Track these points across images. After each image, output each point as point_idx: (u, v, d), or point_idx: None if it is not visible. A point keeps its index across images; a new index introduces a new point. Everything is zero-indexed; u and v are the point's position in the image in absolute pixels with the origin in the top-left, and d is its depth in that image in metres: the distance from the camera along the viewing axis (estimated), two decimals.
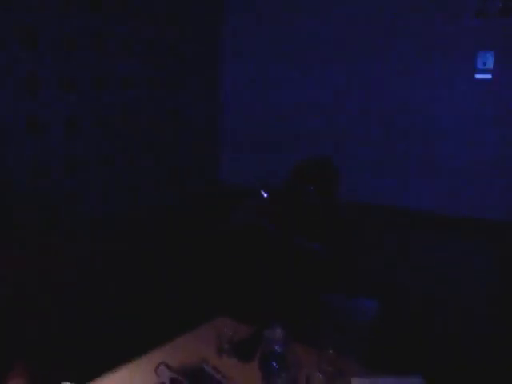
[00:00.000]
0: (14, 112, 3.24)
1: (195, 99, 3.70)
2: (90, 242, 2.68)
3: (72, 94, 3.15)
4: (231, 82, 4.13)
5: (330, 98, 4.15)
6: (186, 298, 2.75)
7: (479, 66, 4.25)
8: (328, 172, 2.60)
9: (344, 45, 4.43)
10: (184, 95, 3.67)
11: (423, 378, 1.72)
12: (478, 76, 4.23)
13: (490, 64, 4.23)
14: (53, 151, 3.31)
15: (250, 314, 2.25)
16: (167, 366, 1.57)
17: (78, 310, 2.58)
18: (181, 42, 3.93)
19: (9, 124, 3.22)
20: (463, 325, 2.83)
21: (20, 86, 3.24)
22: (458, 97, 4.41)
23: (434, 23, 4.30)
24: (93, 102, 3.47)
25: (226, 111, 3.89)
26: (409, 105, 4.52)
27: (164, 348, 1.85)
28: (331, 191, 2.60)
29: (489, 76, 4.28)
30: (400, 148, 4.27)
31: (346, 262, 2.71)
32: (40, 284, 2.60)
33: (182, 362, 1.72)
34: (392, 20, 4.25)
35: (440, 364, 2.48)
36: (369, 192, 3.59)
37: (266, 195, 2.48)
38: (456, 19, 4.21)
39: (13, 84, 3.16)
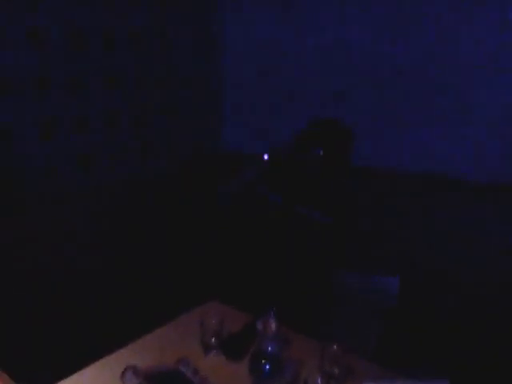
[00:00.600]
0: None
1: (194, 62, 3.35)
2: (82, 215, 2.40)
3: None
4: (231, 45, 3.73)
5: (342, 58, 3.66)
6: (179, 275, 2.46)
7: None
8: (340, 134, 2.22)
9: None
10: (182, 56, 3.32)
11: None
12: None
13: None
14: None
15: (246, 297, 1.96)
16: (135, 372, 1.29)
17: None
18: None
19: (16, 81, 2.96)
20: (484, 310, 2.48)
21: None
22: None
23: None
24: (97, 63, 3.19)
25: (226, 76, 3.49)
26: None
27: (138, 343, 1.58)
28: (343, 156, 2.23)
29: None
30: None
31: (354, 234, 2.37)
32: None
33: (157, 362, 1.45)
34: None
35: (464, 362, 2.15)
36: (381, 155, 3.15)
37: (266, 157, 2.13)
38: None
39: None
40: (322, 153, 2.19)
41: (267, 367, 1.38)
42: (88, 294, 2.20)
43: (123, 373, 1.29)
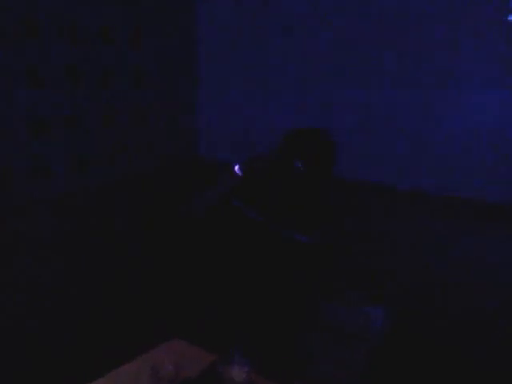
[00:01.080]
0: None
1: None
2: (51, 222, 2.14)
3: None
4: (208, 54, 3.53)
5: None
6: (137, 305, 2.22)
7: None
8: (323, 144, 2.02)
9: None
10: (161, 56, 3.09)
11: None
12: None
13: None
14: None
15: (213, 333, 1.73)
16: None
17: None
18: None
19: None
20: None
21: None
22: None
23: None
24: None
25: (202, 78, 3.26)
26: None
27: None
28: (325, 169, 2.03)
29: None
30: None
31: (343, 257, 2.17)
32: None
33: None
34: None
35: None
36: (367, 169, 2.92)
37: (239, 172, 1.91)
38: None
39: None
40: (301, 165, 1.99)
41: None
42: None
43: None
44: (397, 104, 3.39)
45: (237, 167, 1.91)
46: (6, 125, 2.36)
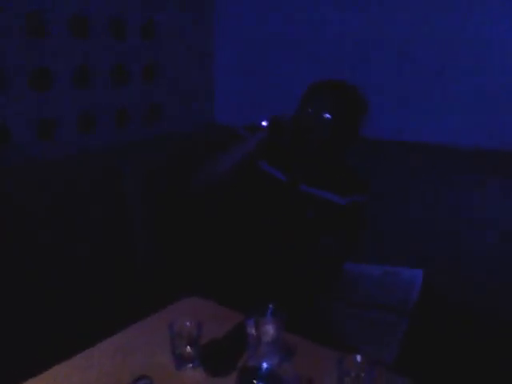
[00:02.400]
0: None
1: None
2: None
3: None
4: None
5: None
6: (157, 264, 2.02)
7: None
8: (353, 99, 1.78)
9: None
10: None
11: None
12: None
13: None
14: None
15: (237, 292, 1.54)
16: None
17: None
18: None
19: None
20: None
21: None
22: None
23: None
24: None
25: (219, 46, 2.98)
26: None
27: (87, 353, 1.16)
28: (355, 125, 1.79)
29: None
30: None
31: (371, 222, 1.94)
32: None
33: (107, 381, 1.04)
34: None
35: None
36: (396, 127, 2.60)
37: (265, 124, 1.70)
38: None
39: None
40: (330, 117, 1.75)
41: None
42: (50, 280, 1.76)
43: None
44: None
45: (264, 122, 1.70)
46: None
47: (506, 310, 1.85)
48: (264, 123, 1.71)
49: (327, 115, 1.70)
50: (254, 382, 0.93)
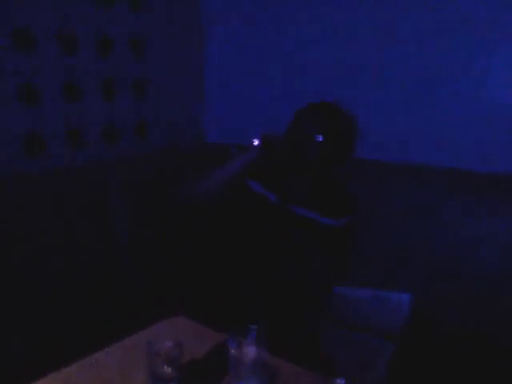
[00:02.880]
0: None
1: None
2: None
3: None
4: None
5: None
6: (142, 282, 1.98)
7: None
8: (343, 120, 1.78)
9: None
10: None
11: None
12: None
13: None
14: None
15: (222, 312, 1.51)
16: None
17: None
18: None
19: None
20: None
21: None
22: None
23: None
24: None
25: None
26: None
27: (62, 373, 1.12)
28: (347, 146, 1.79)
29: None
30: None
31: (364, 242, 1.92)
32: None
33: None
34: None
35: None
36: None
37: (256, 143, 1.69)
38: None
39: None
40: (322, 139, 1.75)
41: None
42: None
43: None
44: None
45: (256, 141, 1.70)
46: None
47: (493, 333, 1.83)
48: (255, 142, 1.70)
49: (319, 137, 1.69)
50: None
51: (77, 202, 1.87)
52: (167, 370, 1.08)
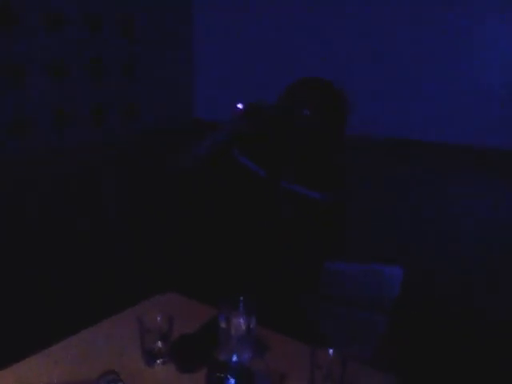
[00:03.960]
0: None
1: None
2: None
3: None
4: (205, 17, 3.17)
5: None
6: (132, 260, 1.99)
7: None
8: (331, 95, 1.75)
9: None
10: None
11: None
12: None
13: None
14: None
15: (212, 287, 1.51)
16: None
17: None
18: None
19: None
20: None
21: None
22: None
23: None
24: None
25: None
26: None
27: (56, 348, 1.13)
28: (335, 121, 1.77)
29: None
30: None
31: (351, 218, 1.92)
32: None
33: (73, 376, 1.01)
34: None
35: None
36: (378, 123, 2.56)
37: (240, 107, 1.66)
38: None
39: None
40: (308, 113, 1.72)
41: (231, 382, 0.94)
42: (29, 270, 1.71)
43: None
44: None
45: (240, 105, 1.67)
46: None
47: (483, 306, 1.86)
48: (240, 105, 1.67)
49: (306, 111, 1.68)
50: (222, 376, 0.91)
51: (69, 181, 1.86)
52: (159, 345, 1.09)
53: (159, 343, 1.09)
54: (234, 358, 0.96)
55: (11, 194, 1.72)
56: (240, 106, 1.64)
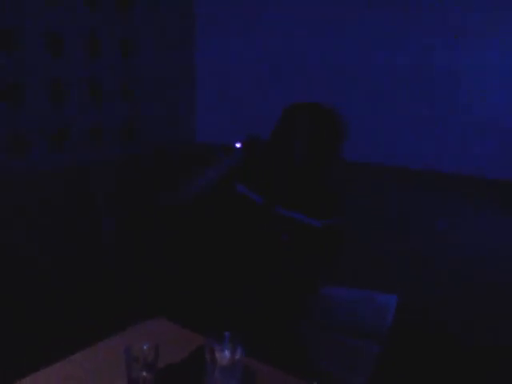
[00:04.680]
0: None
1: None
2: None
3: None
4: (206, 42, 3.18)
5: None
6: (124, 284, 1.99)
7: None
8: (328, 121, 1.76)
9: None
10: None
11: None
12: None
13: None
14: None
15: (204, 315, 1.51)
16: None
17: None
18: None
19: None
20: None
21: None
22: None
23: None
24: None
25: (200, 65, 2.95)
26: None
27: (37, 375, 1.13)
28: (331, 148, 1.77)
29: None
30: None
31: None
32: None
33: None
34: None
35: None
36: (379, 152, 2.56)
37: (239, 146, 1.70)
38: None
39: None
40: (304, 139, 1.74)
41: None
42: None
43: None
44: None
45: (238, 144, 1.70)
46: None
47: (480, 333, 1.85)
48: (238, 145, 1.71)
49: (304, 136, 1.69)
50: None
51: (64, 202, 1.87)
52: (144, 374, 1.09)
53: (144, 372, 1.09)
54: None
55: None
56: (238, 145, 1.68)
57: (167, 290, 1.77)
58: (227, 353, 1.03)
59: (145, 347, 1.10)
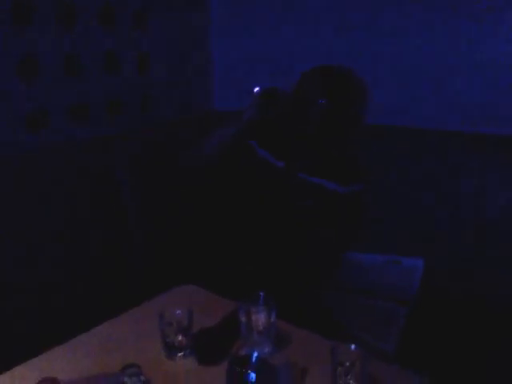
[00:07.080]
0: None
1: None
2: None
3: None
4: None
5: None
6: (149, 252, 1.97)
7: None
8: (350, 84, 1.71)
9: None
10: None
11: None
12: None
13: None
14: None
15: (232, 280, 1.51)
16: None
17: None
18: None
19: None
20: None
21: None
22: None
23: None
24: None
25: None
26: None
27: (76, 341, 1.14)
28: (353, 111, 1.72)
29: None
30: None
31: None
32: None
33: (96, 369, 1.02)
34: None
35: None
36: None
37: (257, 89, 1.63)
38: None
39: None
40: (324, 102, 1.69)
41: (252, 376, 0.94)
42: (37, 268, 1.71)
43: None
44: None
45: (257, 88, 1.63)
46: None
47: (506, 298, 1.82)
48: (256, 88, 1.64)
49: (321, 100, 1.64)
50: (243, 371, 0.91)
51: (85, 178, 1.86)
52: (180, 338, 1.09)
53: (180, 336, 1.09)
54: (255, 353, 0.96)
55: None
56: (257, 88, 1.61)
57: (191, 257, 1.77)
58: (262, 314, 1.03)
59: (178, 312, 1.11)
